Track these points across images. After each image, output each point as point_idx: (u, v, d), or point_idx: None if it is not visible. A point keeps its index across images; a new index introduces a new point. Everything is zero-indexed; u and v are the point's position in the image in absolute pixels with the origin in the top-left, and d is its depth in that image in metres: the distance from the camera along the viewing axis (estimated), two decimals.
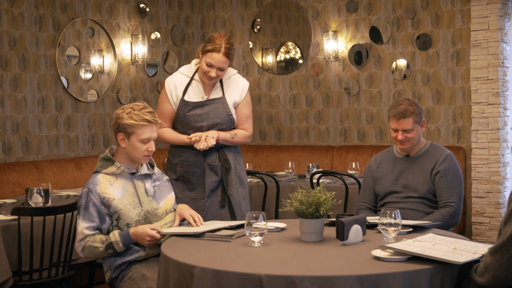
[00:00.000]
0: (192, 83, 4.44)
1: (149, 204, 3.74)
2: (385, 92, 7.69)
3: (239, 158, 4.54)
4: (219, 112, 4.40)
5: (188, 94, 4.42)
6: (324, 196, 3.30)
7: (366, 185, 4.39)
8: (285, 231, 3.62)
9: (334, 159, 7.73)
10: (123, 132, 3.67)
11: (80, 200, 3.67)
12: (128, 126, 3.65)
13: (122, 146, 3.70)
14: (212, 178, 4.43)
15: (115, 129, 3.72)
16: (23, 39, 6.64)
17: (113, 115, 3.76)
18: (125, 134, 3.67)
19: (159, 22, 8.13)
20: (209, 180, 4.42)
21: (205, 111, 4.38)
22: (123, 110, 3.70)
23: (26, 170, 6.31)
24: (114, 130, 3.74)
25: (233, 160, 4.49)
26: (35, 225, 4.44)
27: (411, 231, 3.53)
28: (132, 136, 3.66)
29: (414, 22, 7.50)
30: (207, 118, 4.38)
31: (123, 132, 3.67)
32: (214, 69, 4.29)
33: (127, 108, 3.70)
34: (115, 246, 3.59)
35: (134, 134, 3.65)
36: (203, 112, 4.38)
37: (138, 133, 3.65)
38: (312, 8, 8.11)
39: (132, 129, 3.65)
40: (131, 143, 3.67)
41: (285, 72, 8.35)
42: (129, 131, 3.65)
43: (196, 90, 4.43)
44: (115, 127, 3.70)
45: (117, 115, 3.70)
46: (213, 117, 4.38)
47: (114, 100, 7.56)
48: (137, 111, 3.67)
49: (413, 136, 4.21)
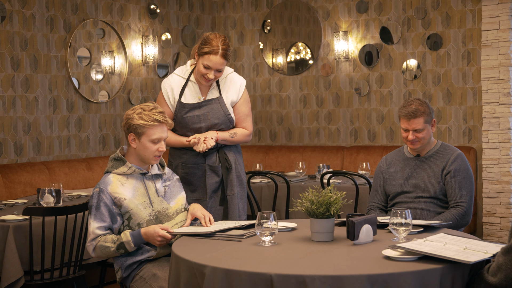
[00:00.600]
0: (188, 84, 4.41)
1: (159, 204, 3.75)
2: (396, 93, 7.68)
3: (239, 157, 4.52)
4: (216, 112, 4.37)
5: (185, 95, 4.39)
6: (335, 196, 3.30)
7: (376, 185, 4.38)
8: (296, 230, 3.62)
9: (344, 159, 7.73)
10: (133, 133, 3.69)
11: (91, 200, 3.68)
12: (138, 127, 3.66)
13: (133, 147, 3.71)
14: (213, 179, 4.41)
15: (125, 130, 3.73)
16: (35, 40, 6.67)
17: (123, 115, 3.77)
18: (135, 134, 3.68)
19: (169, 23, 8.15)
20: (210, 181, 4.41)
21: (202, 112, 4.35)
22: (133, 111, 3.71)
23: (37, 171, 6.34)
24: (124, 131, 3.75)
25: (233, 160, 4.46)
26: (46, 225, 4.47)
27: (422, 231, 3.52)
28: (143, 136, 3.67)
29: (424, 22, 7.48)
30: (205, 119, 4.35)
31: (134, 132, 3.68)
32: (212, 71, 4.25)
33: (137, 108, 3.71)
34: (126, 246, 3.60)
35: (145, 134, 3.66)
36: (200, 113, 4.35)
37: (148, 134, 3.66)
38: (322, 8, 8.11)
39: (143, 130, 3.66)
40: (141, 144, 3.68)
41: (296, 72, 8.35)
42: (140, 131, 3.67)
43: (192, 91, 4.41)
44: (126, 127, 3.72)
45: (128, 116, 3.71)
46: (211, 117, 4.35)
47: (125, 101, 7.58)
48: (148, 111, 3.68)
49: (424, 136, 4.20)
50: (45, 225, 4.38)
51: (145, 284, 3.60)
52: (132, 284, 3.67)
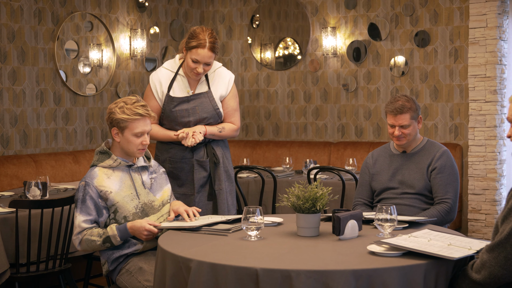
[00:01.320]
0: (177, 78, 4.40)
1: (146, 196, 3.76)
2: (383, 89, 7.71)
3: (227, 152, 4.52)
4: (205, 106, 4.37)
5: (173, 89, 4.39)
6: (321, 191, 3.31)
7: (362, 181, 4.41)
8: (282, 225, 3.64)
9: (331, 155, 7.75)
10: (116, 127, 3.68)
11: (77, 194, 3.68)
12: (121, 121, 3.66)
13: (116, 141, 3.71)
14: (201, 173, 4.41)
15: (108, 124, 3.73)
16: (22, 32, 6.65)
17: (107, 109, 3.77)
18: (118, 128, 3.68)
19: (158, 16, 8.13)
20: (198, 175, 4.40)
21: (191, 106, 4.35)
22: (115, 105, 3.70)
23: (24, 163, 6.33)
24: (108, 125, 3.74)
25: (221, 155, 4.47)
26: (32, 217, 4.46)
27: (407, 227, 3.55)
28: (126, 130, 3.67)
29: (412, 19, 7.51)
30: (194, 113, 4.35)
31: (117, 126, 3.68)
32: (200, 65, 4.25)
33: (119, 102, 3.70)
34: (112, 240, 3.60)
35: (128, 128, 3.66)
36: (189, 107, 4.35)
37: (131, 127, 3.66)
38: (311, 4, 8.12)
39: (125, 124, 3.66)
40: (125, 137, 3.68)
41: (284, 68, 8.36)
42: (122, 125, 3.66)
43: (181, 85, 4.40)
44: (109, 121, 3.71)
45: (110, 110, 3.70)
46: (200, 111, 4.35)
47: (113, 94, 7.57)
48: (130, 105, 3.67)
49: (410, 132, 4.22)
50: (31, 218, 4.37)
51: (131, 277, 3.61)
52: (118, 278, 3.68)
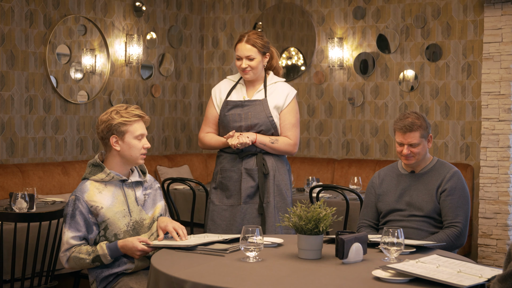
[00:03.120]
0: (237, 86, 4.68)
1: (138, 214, 3.74)
2: (391, 104, 7.72)
3: (280, 166, 4.61)
4: (258, 112, 4.56)
5: (231, 96, 4.64)
6: (324, 211, 3.31)
7: (368, 201, 4.40)
8: (282, 247, 3.63)
9: (335, 173, 7.76)
10: (115, 134, 3.68)
11: (66, 208, 3.67)
12: (120, 125, 3.67)
13: (116, 150, 3.70)
14: (248, 183, 4.53)
15: (105, 134, 3.70)
16: (12, 35, 6.66)
17: (96, 122, 3.77)
18: (118, 134, 3.68)
19: (155, 22, 8.16)
20: (245, 185, 4.52)
21: (244, 111, 4.56)
22: (108, 114, 3.70)
23: (10, 173, 6.33)
24: (103, 137, 3.71)
25: (272, 167, 4.57)
26: (18, 231, 4.45)
27: (414, 252, 3.54)
28: (126, 134, 3.68)
29: (424, 32, 7.53)
30: (246, 118, 4.55)
31: (116, 133, 3.68)
32: (243, 60, 4.51)
33: (111, 111, 3.71)
34: (102, 259, 3.59)
35: (128, 132, 3.68)
36: (242, 112, 4.56)
37: (131, 130, 3.68)
38: (317, 13, 8.15)
39: (125, 127, 3.67)
40: (126, 143, 3.69)
41: (287, 79, 8.38)
42: (123, 129, 3.67)
43: (239, 92, 4.65)
44: (106, 131, 3.69)
45: (105, 119, 3.69)
46: (252, 117, 4.54)
47: (106, 103, 7.57)
48: (123, 110, 3.71)
49: (419, 151, 4.22)
50: (17, 231, 4.37)
51: None
52: None
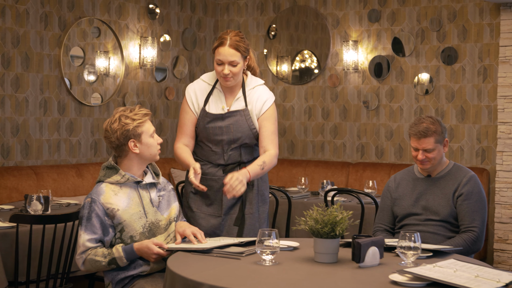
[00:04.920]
0: (213, 92, 4.30)
1: (153, 215, 3.78)
2: (406, 108, 7.73)
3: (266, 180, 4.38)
4: (240, 125, 4.25)
5: (209, 104, 4.28)
6: (341, 215, 3.34)
7: (384, 205, 4.42)
8: (298, 250, 3.65)
9: (349, 176, 7.77)
10: (133, 138, 3.72)
11: (82, 211, 3.70)
12: (137, 128, 3.71)
13: (135, 153, 3.72)
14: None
15: (122, 140, 3.71)
16: (27, 37, 6.72)
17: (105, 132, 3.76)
18: (136, 138, 3.71)
19: (170, 24, 8.20)
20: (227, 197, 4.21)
21: (225, 124, 4.24)
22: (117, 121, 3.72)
23: (24, 175, 6.38)
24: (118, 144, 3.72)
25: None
26: (33, 233, 4.49)
27: (431, 256, 3.55)
28: (143, 135, 3.73)
29: (439, 35, 7.54)
30: (228, 132, 4.24)
31: (133, 137, 3.71)
32: (225, 66, 4.12)
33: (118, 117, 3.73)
34: (118, 261, 3.62)
35: (144, 132, 3.73)
36: (223, 125, 4.24)
37: (146, 130, 3.74)
38: (332, 15, 8.18)
39: (141, 129, 3.72)
40: (144, 144, 3.74)
41: (300, 82, 8.40)
42: (139, 132, 3.72)
43: (217, 100, 4.29)
44: (122, 137, 3.70)
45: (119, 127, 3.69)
46: (234, 130, 4.24)
47: (120, 105, 7.62)
48: (131, 113, 3.75)
49: (434, 156, 4.24)
50: (32, 233, 4.41)
51: None
52: None
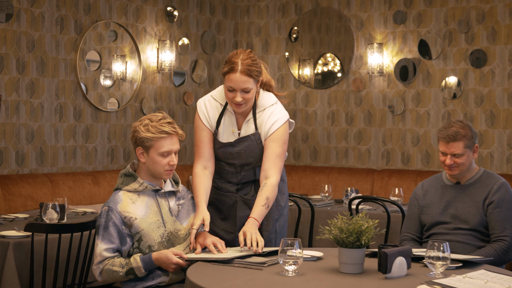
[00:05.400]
0: (225, 113, 4.11)
1: (172, 224, 3.77)
2: (433, 112, 7.68)
3: (282, 187, 4.23)
4: (252, 150, 4.09)
5: (220, 127, 4.11)
6: (367, 224, 3.31)
7: (411, 213, 4.39)
8: (322, 260, 3.63)
9: (374, 184, 7.73)
10: (141, 146, 3.72)
11: (99, 219, 3.71)
12: (145, 140, 3.70)
13: (142, 161, 3.75)
14: (244, 211, 4.14)
15: (133, 143, 3.78)
16: (43, 41, 6.75)
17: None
18: (143, 148, 3.72)
19: (188, 27, 8.21)
20: (242, 213, 4.15)
21: (236, 150, 4.10)
22: (140, 122, 3.75)
23: (39, 183, 6.40)
24: (132, 145, 3.80)
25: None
26: (49, 243, 4.49)
27: (461, 266, 3.52)
28: (151, 150, 3.70)
29: (468, 37, 7.49)
30: (239, 157, 4.11)
31: (141, 146, 3.72)
32: (237, 93, 3.90)
33: (144, 119, 3.75)
34: (136, 271, 3.61)
35: (153, 147, 3.70)
36: (233, 151, 4.10)
37: (156, 146, 3.69)
38: (356, 17, 8.15)
39: (150, 143, 3.69)
40: (150, 158, 3.72)
41: (323, 86, 8.38)
42: (147, 144, 3.70)
43: (227, 124, 4.11)
44: (133, 141, 3.77)
45: (134, 128, 3.75)
46: (246, 156, 4.10)
47: (137, 111, 7.64)
48: (155, 122, 3.71)
49: (463, 161, 4.21)
50: (48, 243, 4.41)
51: None
52: None
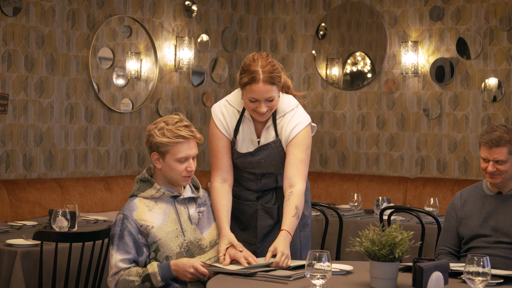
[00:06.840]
0: (243, 120, 4.10)
1: (192, 233, 3.78)
2: (472, 116, 7.67)
3: (305, 194, 4.17)
4: (273, 158, 4.10)
5: (238, 134, 4.10)
6: (401, 236, 3.32)
7: (448, 225, 4.39)
8: (352, 274, 3.64)
9: (407, 193, 7.73)
10: (156, 152, 3.73)
11: (114, 228, 3.73)
12: (161, 145, 3.70)
13: (157, 167, 3.77)
14: (266, 221, 4.18)
15: (148, 148, 3.78)
16: (53, 37, 6.81)
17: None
18: (159, 153, 3.73)
19: (208, 23, 8.25)
20: (263, 223, 4.18)
21: (256, 159, 4.11)
22: (155, 126, 3.74)
23: (48, 189, 6.45)
24: (147, 149, 3.80)
25: None
26: (59, 252, 4.52)
27: (502, 283, 3.51)
28: (167, 155, 3.71)
29: (510, 35, 7.48)
30: (259, 166, 4.12)
31: (157, 151, 3.73)
32: (261, 103, 3.90)
33: (159, 122, 3.75)
34: (152, 278, 3.62)
35: (169, 153, 3.70)
36: (253, 160, 4.10)
37: (173, 152, 3.70)
38: (389, 13, 8.16)
39: (166, 148, 3.70)
40: (166, 164, 3.73)
41: (352, 87, 8.39)
42: (163, 150, 3.71)
43: (246, 131, 4.10)
44: (148, 145, 3.77)
45: (149, 132, 3.75)
46: (267, 165, 4.12)
47: (153, 112, 7.68)
48: (171, 125, 3.71)
49: (506, 169, 4.20)
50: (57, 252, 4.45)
51: None
52: None
